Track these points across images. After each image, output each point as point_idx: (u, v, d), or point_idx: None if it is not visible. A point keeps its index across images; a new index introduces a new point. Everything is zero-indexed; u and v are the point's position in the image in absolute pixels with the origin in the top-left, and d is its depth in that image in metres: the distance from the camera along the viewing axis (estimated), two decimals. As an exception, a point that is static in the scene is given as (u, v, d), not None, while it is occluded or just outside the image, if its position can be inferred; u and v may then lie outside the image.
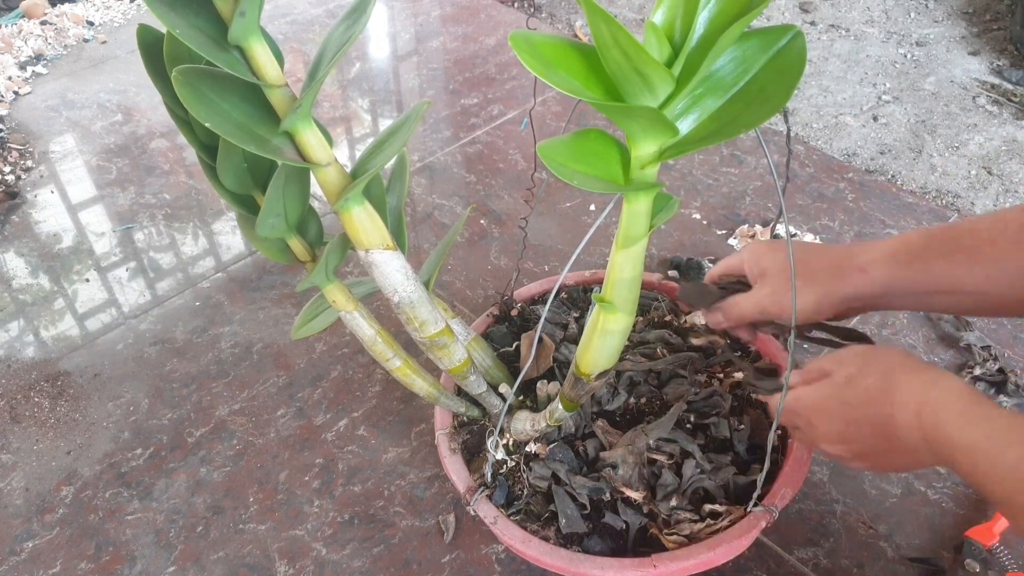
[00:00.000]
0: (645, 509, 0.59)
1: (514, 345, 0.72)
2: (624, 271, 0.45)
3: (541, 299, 0.78)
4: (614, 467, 0.60)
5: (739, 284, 0.61)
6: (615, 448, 0.62)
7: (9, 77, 1.46)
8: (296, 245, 0.54)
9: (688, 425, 0.64)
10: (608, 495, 0.60)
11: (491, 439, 0.62)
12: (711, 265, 0.97)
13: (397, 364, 0.60)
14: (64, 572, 0.72)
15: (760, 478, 0.56)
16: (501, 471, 0.63)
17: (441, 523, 0.74)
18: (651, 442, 0.62)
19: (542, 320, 0.53)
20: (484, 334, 0.74)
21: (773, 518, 0.56)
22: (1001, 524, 0.69)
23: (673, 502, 0.59)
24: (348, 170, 0.48)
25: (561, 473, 0.61)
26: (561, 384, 0.64)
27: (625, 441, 0.62)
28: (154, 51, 0.44)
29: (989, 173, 1.17)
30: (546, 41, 0.36)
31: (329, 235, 0.55)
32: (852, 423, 0.49)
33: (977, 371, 0.84)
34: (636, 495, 0.59)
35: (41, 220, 1.15)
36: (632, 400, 0.66)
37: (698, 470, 0.60)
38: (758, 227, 1.04)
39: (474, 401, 0.67)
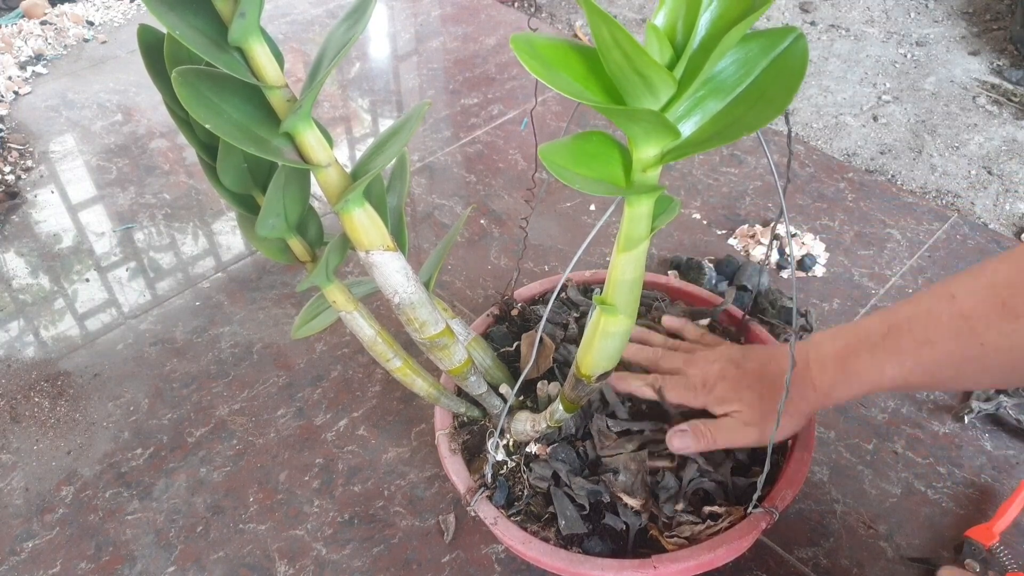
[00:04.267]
0: (644, 516, 0.59)
1: (514, 345, 0.72)
2: (626, 273, 0.45)
3: (541, 299, 0.78)
4: (615, 472, 0.60)
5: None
6: (617, 455, 0.62)
7: (9, 77, 1.46)
8: (296, 245, 0.54)
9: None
10: (607, 498, 0.60)
11: (491, 440, 0.62)
12: (711, 266, 0.97)
13: (397, 364, 0.60)
14: (64, 572, 0.72)
15: (760, 479, 0.56)
16: (501, 472, 0.63)
17: (441, 523, 0.74)
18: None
19: (543, 320, 0.53)
20: (484, 334, 0.74)
21: (773, 519, 0.56)
22: (1001, 524, 0.69)
23: (677, 506, 0.59)
24: (348, 170, 0.48)
25: (562, 473, 0.61)
26: (562, 385, 0.64)
27: (627, 447, 0.62)
28: (154, 51, 0.44)
29: (989, 173, 1.17)
30: (547, 43, 0.36)
31: (329, 235, 0.55)
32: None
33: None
34: (635, 503, 0.59)
35: (41, 220, 1.15)
36: (629, 403, 0.66)
37: (698, 473, 0.60)
38: (758, 227, 1.04)
39: (474, 401, 0.67)
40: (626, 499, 0.59)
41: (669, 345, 0.68)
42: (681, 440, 0.59)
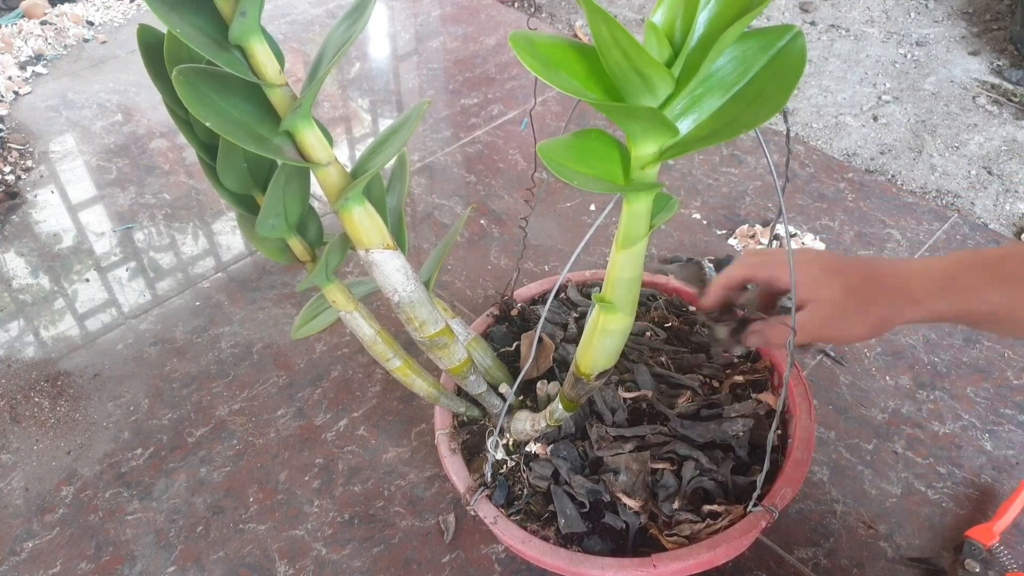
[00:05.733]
0: (643, 516, 0.59)
1: (514, 345, 0.72)
2: (624, 271, 0.45)
3: (541, 299, 0.78)
4: (616, 472, 0.60)
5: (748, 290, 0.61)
6: (618, 455, 0.62)
7: (9, 77, 1.46)
8: (296, 245, 0.54)
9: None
10: (607, 497, 0.60)
11: (491, 439, 0.62)
12: (711, 265, 0.97)
13: (397, 364, 0.60)
14: (64, 572, 0.72)
15: (760, 478, 0.56)
16: (501, 471, 0.63)
17: (441, 523, 0.74)
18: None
19: (542, 320, 0.53)
20: (484, 334, 0.74)
21: (773, 518, 0.56)
22: (1001, 524, 0.69)
23: (675, 504, 0.59)
24: (348, 170, 0.48)
25: (563, 470, 0.61)
26: (561, 384, 0.64)
27: (625, 447, 0.62)
28: (154, 51, 0.44)
29: (989, 173, 1.17)
30: (546, 41, 0.36)
31: (329, 235, 0.55)
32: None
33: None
34: (634, 504, 0.59)
35: (41, 220, 1.15)
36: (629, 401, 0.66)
37: (697, 471, 0.60)
38: (758, 227, 1.04)
39: (474, 401, 0.67)
40: (626, 500, 0.59)
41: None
42: (756, 339, 0.58)
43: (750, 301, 0.61)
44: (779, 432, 0.63)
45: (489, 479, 0.61)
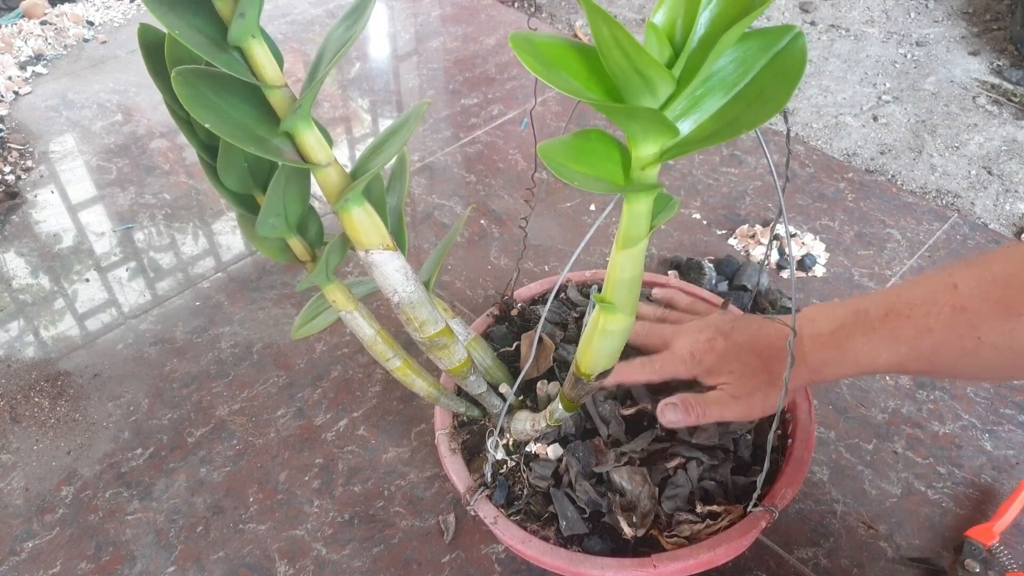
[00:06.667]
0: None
1: (514, 345, 0.72)
2: (625, 271, 0.45)
3: (541, 299, 0.78)
4: (621, 494, 0.60)
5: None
6: (619, 468, 0.61)
7: (9, 77, 1.46)
8: (296, 245, 0.54)
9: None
10: (607, 509, 0.60)
11: (491, 439, 0.62)
12: (711, 266, 0.97)
13: (397, 364, 0.60)
14: (64, 572, 0.72)
15: (760, 479, 0.56)
16: (501, 471, 0.63)
17: (441, 523, 0.74)
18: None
19: (542, 320, 0.53)
20: (484, 334, 0.74)
21: (773, 518, 0.56)
22: (1001, 524, 0.69)
23: (674, 505, 0.59)
24: (348, 170, 0.48)
25: (572, 471, 0.61)
26: (561, 384, 0.64)
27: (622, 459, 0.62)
28: (155, 51, 0.44)
29: (989, 173, 1.17)
30: (546, 42, 0.36)
31: (329, 235, 0.55)
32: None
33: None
34: (631, 532, 0.58)
35: (41, 220, 1.15)
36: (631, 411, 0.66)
37: (698, 468, 0.60)
38: (758, 227, 1.04)
39: (474, 401, 0.67)
40: (625, 525, 0.58)
41: (658, 316, 0.66)
42: (672, 414, 0.57)
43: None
44: (779, 432, 0.63)
45: (489, 479, 0.61)
